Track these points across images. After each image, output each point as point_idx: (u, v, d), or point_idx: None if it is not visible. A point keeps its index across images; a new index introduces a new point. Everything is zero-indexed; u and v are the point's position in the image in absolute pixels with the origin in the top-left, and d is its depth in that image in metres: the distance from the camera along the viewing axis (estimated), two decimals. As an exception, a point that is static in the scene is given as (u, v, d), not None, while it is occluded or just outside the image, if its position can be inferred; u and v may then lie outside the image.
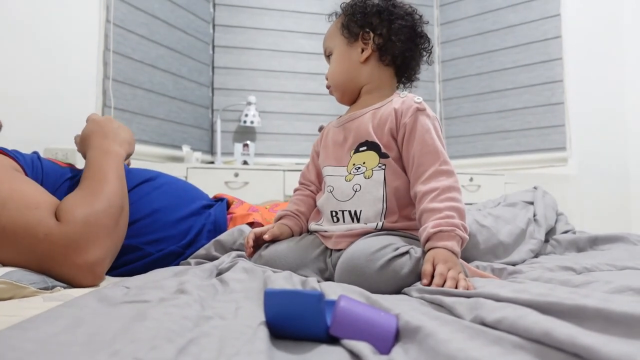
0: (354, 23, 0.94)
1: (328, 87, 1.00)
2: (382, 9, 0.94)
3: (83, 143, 1.05)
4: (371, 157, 0.88)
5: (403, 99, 0.90)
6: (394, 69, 0.96)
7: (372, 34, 0.93)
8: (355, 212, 0.87)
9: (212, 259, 1.00)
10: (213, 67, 3.07)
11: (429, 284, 0.69)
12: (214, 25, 3.08)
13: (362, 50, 0.94)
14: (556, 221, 1.33)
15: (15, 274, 0.75)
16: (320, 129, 1.06)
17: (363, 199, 0.87)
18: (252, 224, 1.13)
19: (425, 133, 0.85)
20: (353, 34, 0.94)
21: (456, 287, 0.65)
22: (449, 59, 3.35)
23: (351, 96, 0.97)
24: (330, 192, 0.91)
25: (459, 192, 0.81)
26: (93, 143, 1.02)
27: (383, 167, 0.87)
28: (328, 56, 1.01)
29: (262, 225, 1.13)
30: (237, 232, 1.06)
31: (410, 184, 0.86)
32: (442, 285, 0.67)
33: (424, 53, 0.97)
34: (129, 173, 1.10)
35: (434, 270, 0.70)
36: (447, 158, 0.84)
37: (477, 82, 3.23)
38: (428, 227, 0.77)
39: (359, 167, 0.88)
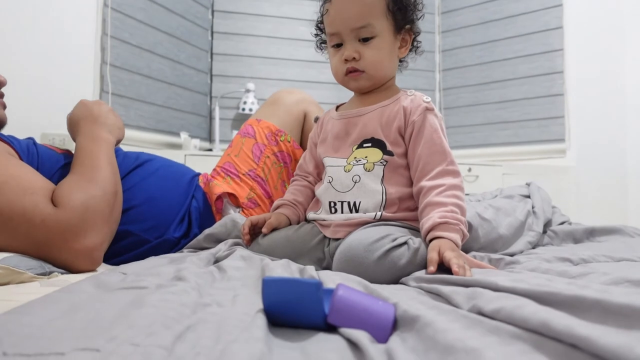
0: (401, 14, 0.88)
1: (355, 70, 0.87)
2: (417, 3, 0.90)
3: (73, 128, 1.04)
4: (374, 152, 0.88)
5: (411, 98, 0.90)
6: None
7: (413, 34, 0.91)
8: (355, 203, 0.87)
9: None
10: (212, 54, 3.04)
11: (435, 272, 0.69)
12: (213, 11, 3.05)
13: (400, 46, 0.91)
14: (552, 214, 1.34)
15: (13, 260, 0.75)
16: (316, 119, 1.05)
17: (362, 190, 0.86)
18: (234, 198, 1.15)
19: (434, 133, 0.86)
20: (399, 26, 0.88)
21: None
22: (450, 48, 3.33)
23: (374, 89, 0.94)
24: (330, 182, 0.91)
25: (463, 191, 0.84)
26: (83, 128, 1.01)
27: (385, 163, 0.87)
28: (363, 34, 0.86)
29: (238, 195, 1.16)
30: (231, 223, 1.03)
31: (414, 181, 0.86)
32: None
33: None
34: (123, 159, 1.09)
35: (439, 258, 0.70)
36: (454, 159, 0.85)
37: (477, 72, 3.21)
38: (434, 217, 0.77)
39: (360, 160, 0.88)
